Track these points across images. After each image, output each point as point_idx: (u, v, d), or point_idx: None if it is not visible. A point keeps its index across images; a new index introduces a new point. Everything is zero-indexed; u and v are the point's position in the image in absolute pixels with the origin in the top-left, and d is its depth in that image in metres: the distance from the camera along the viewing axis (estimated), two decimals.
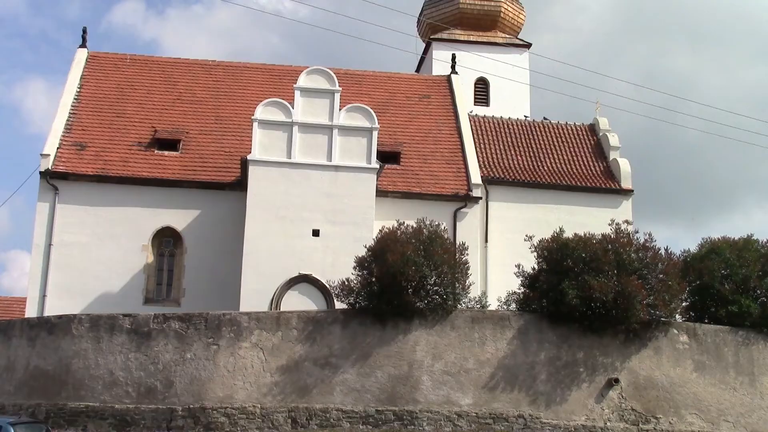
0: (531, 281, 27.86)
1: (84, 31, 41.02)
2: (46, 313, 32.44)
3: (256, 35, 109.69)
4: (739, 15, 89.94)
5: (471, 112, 42.97)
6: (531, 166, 39.97)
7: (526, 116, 44.75)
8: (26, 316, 32.92)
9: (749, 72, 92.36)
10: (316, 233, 33.12)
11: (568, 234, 27.83)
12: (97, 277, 34.52)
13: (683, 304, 28.51)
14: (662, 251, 27.76)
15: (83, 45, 40.64)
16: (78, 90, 38.73)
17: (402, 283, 25.61)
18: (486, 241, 37.72)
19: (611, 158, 40.55)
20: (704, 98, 48.01)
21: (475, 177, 37.29)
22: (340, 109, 34.24)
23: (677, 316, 28.02)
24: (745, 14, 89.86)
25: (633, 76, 70.15)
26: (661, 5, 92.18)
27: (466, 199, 36.70)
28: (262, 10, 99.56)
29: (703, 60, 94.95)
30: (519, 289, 28.23)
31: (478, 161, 38.41)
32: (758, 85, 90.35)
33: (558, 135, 41.93)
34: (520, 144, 41.13)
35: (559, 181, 39.34)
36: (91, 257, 34.71)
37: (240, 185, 34.99)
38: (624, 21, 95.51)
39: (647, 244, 27.59)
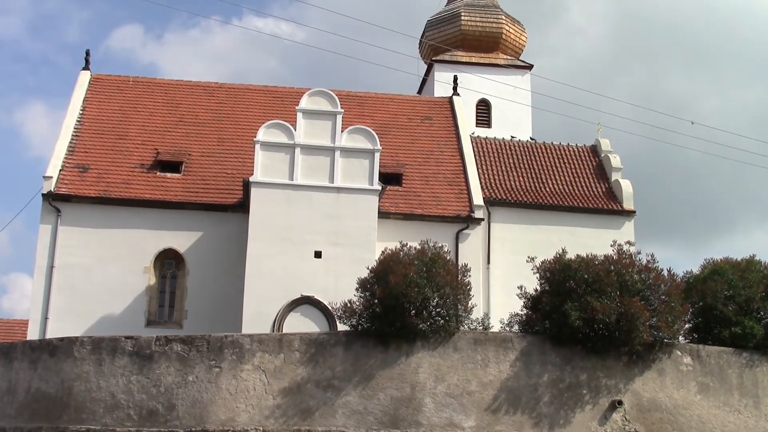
0: (533, 303, 27.77)
1: (87, 53, 41.13)
2: (48, 336, 32.36)
3: (254, 58, 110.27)
4: (733, 37, 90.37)
5: (473, 133, 43.03)
6: (533, 188, 39.99)
7: (532, 138, 44.80)
8: (28, 338, 32.86)
9: (745, 93, 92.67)
10: (318, 255, 33.11)
11: (571, 255, 27.76)
12: (99, 299, 34.47)
13: (686, 325, 28.41)
14: (665, 272, 27.68)
15: (86, 67, 40.76)
16: (81, 112, 38.84)
17: (404, 305, 25.54)
18: (488, 262, 37.70)
19: (613, 179, 40.57)
20: (701, 119, 48.06)
21: (477, 198, 37.29)
22: (342, 131, 34.30)
23: (680, 338, 27.90)
24: (739, 36, 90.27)
25: (631, 98, 70.32)
26: (656, 27, 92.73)
27: (468, 220, 36.70)
28: (260, 31, 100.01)
29: (699, 81, 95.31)
30: (521, 310, 28.13)
31: (480, 183, 38.43)
32: (754, 106, 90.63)
33: (560, 156, 41.97)
34: (522, 165, 41.15)
35: (561, 203, 39.36)
36: (93, 279, 34.68)
37: (242, 207, 35.02)
38: (620, 43, 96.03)
39: (650, 265, 27.51)
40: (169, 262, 35.80)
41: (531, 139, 44.08)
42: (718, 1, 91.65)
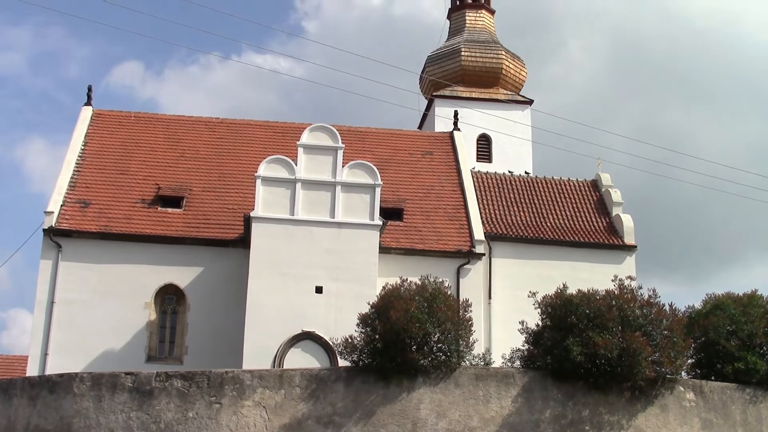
0: (535, 338, 27.68)
1: (89, 89, 41.38)
2: (48, 372, 32.25)
3: (253, 94, 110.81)
4: (730, 71, 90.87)
5: (473, 168, 43.12)
6: (534, 223, 40.01)
7: (527, 172, 44.92)
8: (27, 374, 32.74)
9: (742, 127, 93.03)
10: (319, 290, 33.10)
11: (572, 290, 27.70)
12: (100, 334, 34.38)
13: (689, 360, 28.29)
14: (666, 307, 27.60)
15: (88, 103, 40.95)
16: (82, 147, 38.96)
17: (405, 341, 25.44)
18: (489, 297, 37.63)
19: (614, 214, 40.59)
20: (700, 153, 48.28)
21: (478, 233, 37.30)
22: (343, 166, 34.39)
23: (683, 374, 27.78)
24: (735, 70, 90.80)
25: (629, 132, 70.67)
26: (653, 62, 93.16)
27: (469, 255, 36.68)
28: (260, 67, 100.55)
29: (697, 115, 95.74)
30: (523, 345, 28.01)
31: (481, 217, 38.45)
32: (752, 140, 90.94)
33: (560, 191, 42.03)
34: (522, 200, 41.22)
35: (562, 237, 39.36)
36: (93, 315, 34.61)
37: (243, 242, 35.03)
38: (618, 78, 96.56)
39: (651, 300, 27.44)
40: (169, 297, 35.75)
41: (526, 173, 44.22)
42: (713, 35, 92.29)
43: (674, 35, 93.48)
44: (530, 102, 52.53)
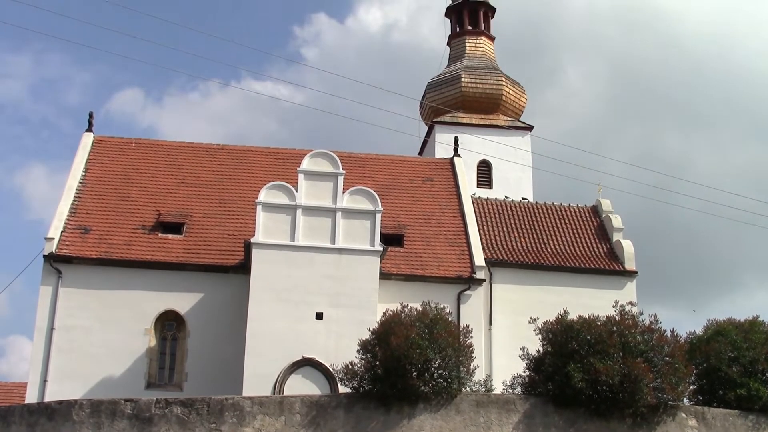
0: (536, 364, 27.62)
1: (90, 115, 41.42)
2: (47, 399, 32.09)
3: (253, 120, 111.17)
4: (726, 97, 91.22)
5: (474, 194, 43.15)
6: (534, 248, 39.99)
7: (524, 198, 44.93)
8: (26, 401, 32.59)
9: (740, 153, 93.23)
10: (319, 316, 33.02)
11: (573, 316, 27.69)
12: (99, 361, 34.27)
13: (691, 387, 28.22)
14: (668, 333, 27.58)
15: (89, 129, 41.02)
16: (83, 174, 38.99)
17: (406, 367, 25.41)
18: (490, 323, 37.53)
19: (614, 240, 40.58)
20: (699, 179, 48.29)
21: (479, 259, 37.26)
22: (343, 192, 34.42)
23: (685, 400, 27.70)
24: (732, 97, 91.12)
25: (628, 158, 70.83)
26: (651, 88, 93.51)
27: (469, 281, 36.62)
28: (259, 93, 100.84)
29: (694, 141, 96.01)
30: (524, 372, 27.98)
31: (482, 243, 38.42)
32: (750, 166, 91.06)
33: (561, 217, 42.04)
34: (523, 226, 41.21)
35: (562, 263, 39.34)
36: (93, 341, 34.52)
37: (243, 268, 34.99)
38: (616, 104, 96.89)
39: (652, 326, 27.43)
40: (169, 323, 35.66)
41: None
42: (710, 62, 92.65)
43: (671, 61, 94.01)
44: (530, 128, 52.63)
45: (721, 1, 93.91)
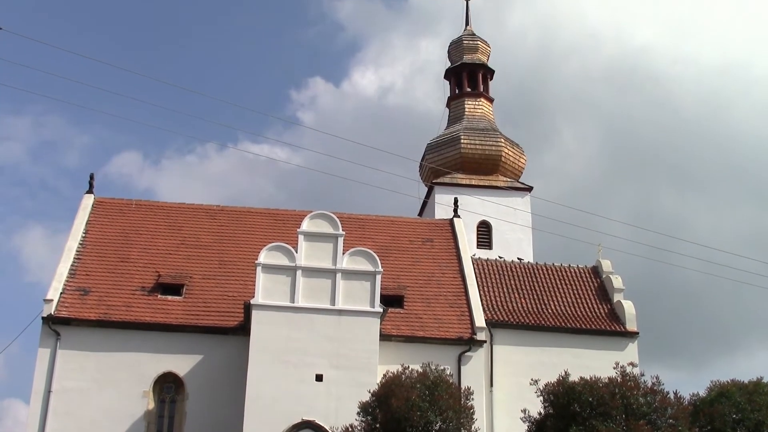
0: (538, 426, 27.39)
1: (91, 177, 41.66)
2: None
3: (250, 182, 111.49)
4: (722, 159, 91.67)
5: (474, 255, 43.14)
6: (535, 309, 39.88)
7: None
8: None
9: (737, 214, 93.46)
10: (319, 378, 32.85)
11: (574, 377, 27.51)
12: (97, 424, 33.93)
13: None
14: (671, 395, 27.34)
15: (90, 191, 41.18)
16: (83, 235, 39.03)
17: (407, 429, 25.22)
18: (491, 385, 37.28)
19: (615, 300, 40.48)
20: (696, 239, 48.28)
21: (479, 320, 37.13)
22: (343, 253, 34.44)
23: None
24: (727, 158, 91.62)
25: (626, 218, 70.98)
26: (645, 149, 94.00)
27: (470, 342, 36.45)
28: (257, 154, 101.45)
29: (691, 202, 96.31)
30: None
31: (482, 304, 38.32)
32: (747, 226, 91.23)
33: (561, 277, 42.00)
34: (523, 287, 41.15)
35: (563, 324, 39.20)
36: (90, 404, 34.23)
37: (243, 330, 34.85)
38: (611, 164, 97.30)
39: (655, 388, 27.21)
40: (168, 386, 35.38)
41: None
42: (704, 123, 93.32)
43: (664, 122, 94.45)
44: (530, 189, 52.83)
45: (713, 63, 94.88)
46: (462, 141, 53.00)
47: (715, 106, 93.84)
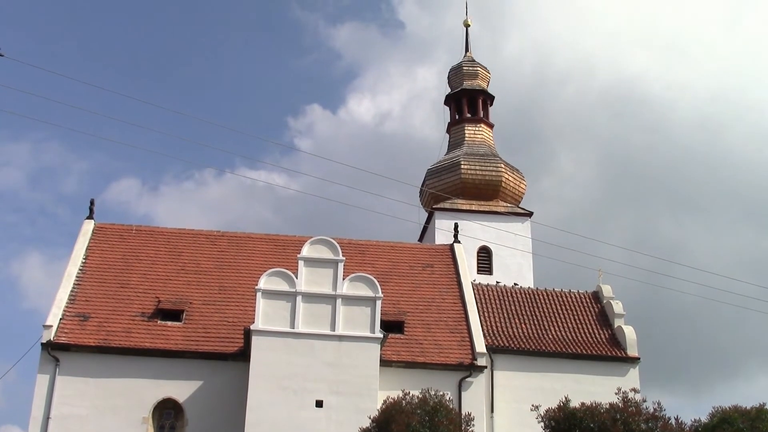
0: None
1: (91, 203, 41.77)
2: None
3: (248, 208, 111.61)
4: (718, 183, 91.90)
5: (474, 280, 43.10)
6: (535, 335, 39.79)
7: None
8: None
9: (736, 237, 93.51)
10: (319, 404, 32.73)
11: (575, 403, 27.44)
12: None
13: None
14: (672, 421, 27.25)
15: (90, 216, 41.22)
16: (83, 261, 39.02)
17: None
18: (492, 410, 37.13)
19: (616, 326, 40.39)
20: (695, 263, 48.31)
21: (480, 346, 37.04)
22: (343, 279, 34.41)
23: None
24: (724, 183, 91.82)
25: (624, 242, 71.09)
26: (642, 174, 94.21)
27: (470, 368, 36.35)
28: (256, 179, 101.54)
29: (689, 226, 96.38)
30: None
31: (483, 330, 38.25)
32: (746, 250, 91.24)
33: (562, 303, 41.93)
34: (524, 312, 41.07)
35: (564, 350, 39.10)
36: (89, 430, 34.08)
37: (243, 356, 34.77)
38: (609, 189, 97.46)
39: (657, 414, 27.11)
40: (167, 412, 35.24)
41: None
42: (699, 148, 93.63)
43: (660, 148, 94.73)
44: (530, 214, 52.85)
45: (707, 88, 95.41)
46: (462, 166, 53.10)
47: (710, 131, 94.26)
